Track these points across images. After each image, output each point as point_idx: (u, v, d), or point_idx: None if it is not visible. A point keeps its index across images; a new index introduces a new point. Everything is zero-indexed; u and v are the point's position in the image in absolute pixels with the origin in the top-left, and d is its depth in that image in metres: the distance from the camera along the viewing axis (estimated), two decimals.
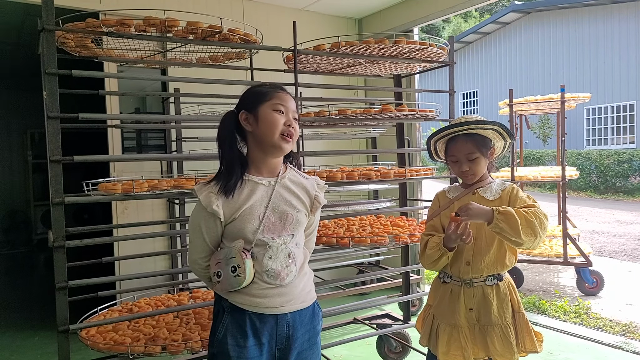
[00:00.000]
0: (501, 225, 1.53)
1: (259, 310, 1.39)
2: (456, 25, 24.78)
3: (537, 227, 1.53)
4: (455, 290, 1.73)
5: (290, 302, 1.42)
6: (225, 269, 1.35)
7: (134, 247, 3.54)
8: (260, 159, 1.45)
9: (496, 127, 1.68)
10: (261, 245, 1.39)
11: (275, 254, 1.40)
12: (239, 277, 1.34)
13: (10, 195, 7.93)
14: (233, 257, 1.35)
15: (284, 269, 1.40)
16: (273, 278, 1.39)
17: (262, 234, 1.39)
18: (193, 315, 2.45)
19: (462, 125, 1.69)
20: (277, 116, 1.41)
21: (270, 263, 1.39)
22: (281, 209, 1.43)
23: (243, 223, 1.38)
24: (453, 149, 1.74)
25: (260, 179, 1.44)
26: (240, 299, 1.39)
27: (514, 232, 1.52)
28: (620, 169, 12.29)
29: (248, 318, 1.39)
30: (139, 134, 4.23)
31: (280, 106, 1.42)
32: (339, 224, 2.94)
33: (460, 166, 1.72)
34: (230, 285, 1.36)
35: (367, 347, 3.24)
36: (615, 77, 14.13)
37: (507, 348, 1.66)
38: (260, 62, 2.67)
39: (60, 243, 1.84)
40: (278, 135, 1.40)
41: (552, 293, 4.59)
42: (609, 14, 14.22)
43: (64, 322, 1.87)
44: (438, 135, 1.77)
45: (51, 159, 1.83)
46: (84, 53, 2.35)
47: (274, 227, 1.41)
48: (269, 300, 1.39)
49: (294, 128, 1.43)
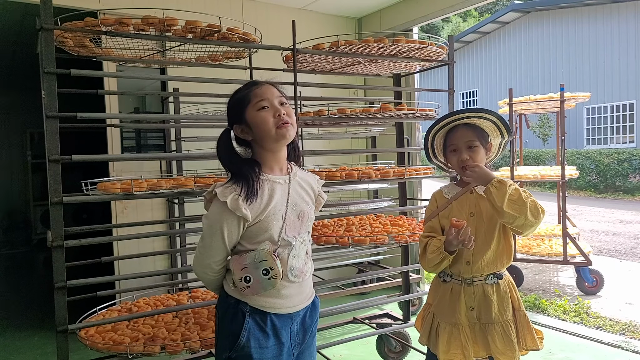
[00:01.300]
0: (492, 190, 1.59)
1: (280, 310, 1.40)
2: (455, 24, 24.78)
3: (526, 209, 1.56)
4: (455, 289, 1.73)
5: (305, 300, 1.46)
6: (256, 273, 1.34)
7: (133, 246, 3.53)
8: (270, 158, 1.43)
9: (495, 118, 1.71)
10: (285, 245, 1.39)
11: (297, 253, 1.41)
12: (273, 279, 1.34)
13: (9, 195, 7.93)
14: (264, 260, 1.34)
15: (304, 266, 1.43)
16: (297, 277, 1.41)
17: (285, 233, 1.39)
18: (192, 315, 2.45)
19: (464, 112, 1.71)
20: (264, 114, 1.38)
21: (294, 262, 1.40)
22: (298, 207, 1.43)
23: (269, 224, 1.36)
24: (453, 137, 1.74)
25: (277, 178, 1.42)
26: (263, 302, 1.38)
27: (499, 201, 1.57)
28: (620, 168, 12.30)
29: (269, 319, 1.39)
30: (138, 133, 4.22)
31: (262, 102, 1.39)
32: (338, 224, 2.93)
33: (460, 154, 1.71)
34: (263, 289, 1.35)
35: (367, 346, 3.24)
36: (615, 76, 14.13)
37: (509, 346, 1.66)
38: (260, 61, 2.67)
39: (59, 243, 1.84)
40: (274, 129, 1.38)
41: (551, 292, 4.59)
42: (609, 14, 14.23)
43: (63, 322, 1.86)
44: (438, 125, 1.77)
45: (50, 158, 1.82)
46: (83, 52, 2.35)
47: (294, 226, 1.41)
48: (289, 300, 1.41)
49: (286, 113, 1.40)
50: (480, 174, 1.63)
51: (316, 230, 2.67)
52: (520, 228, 1.60)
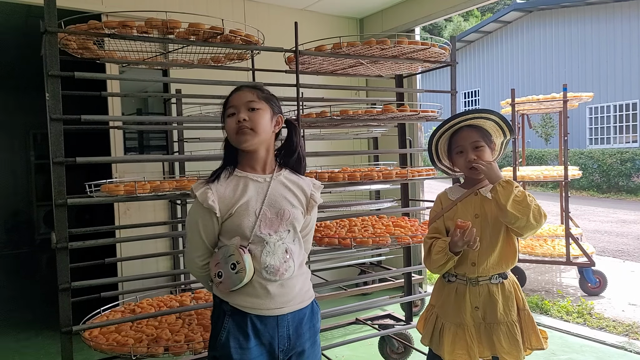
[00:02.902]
0: (498, 188, 1.62)
1: (260, 312, 1.40)
2: (457, 24, 24.72)
3: (529, 211, 1.59)
4: (460, 289, 1.74)
5: (290, 303, 1.43)
6: (225, 268, 1.36)
7: (136, 248, 3.54)
8: (246, 157, 1.49)
9: (497, 117, 1.74)
10: (258, 242, 1.40)
11: (272, 250, 1.41)
12: (240, 273, 1.35)
13: (13, 195, 7.94)
14: (231, 255, 1.36)
15: (282, 264, 1.41)
16: (272, 274, 1.40)
17: (258, 229, 1.40)
18: (195, 316, 2.46)
19: (467, 114, 1.73)
20: (230, 121, 1.46)
21: (269, 259, 1.40)
22: (277, 204, 1.45)
23: (240, 219, 1.40)
24: (458, 139, 1.76)
25: (255, 176, 1.47)
26: (242, 300, 1.39)
27: (504, 200, 1.60)
28: (623, 168, 12.25)
29: (249, 320, 1.39)
30: (141, 134, 4.24)
31: (231, 109, 1.47)
32: (340, 225, 2.93)
33: (467, 155, 1.72)
34: (233, 283, 1.36)
35: (369, 347, 3.24)
36: (618, 75, 14.08)
37: (514, 345, 1.67)
38: (262, 62, 2.67)
39: (63, 244, 1.85)
40: (234, 135, 1.44)
41: (554, 293, 4.58)
42: (612, 13, 14.18)
43: (67, 323, 1.87)
44: (442, 129, 1.78)
45: (54, 160, 1.83)
46: (86, 55, 2.36)
47: (270, 223, 1.42)
48: (270, 301, 1.40)
49: (248, 119, 1.43)
50: (491, 170, 1.66)
51: (318, 231, 2.67)
52: (521, 230, 1.62)
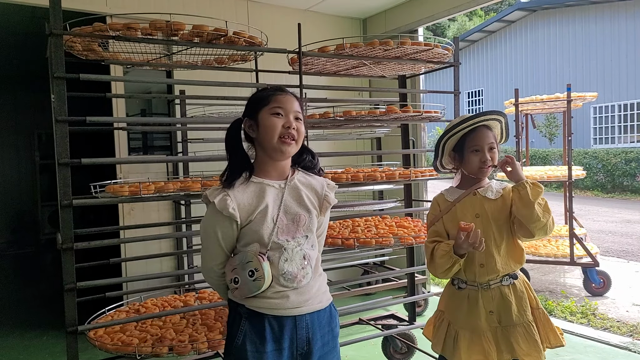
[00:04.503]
0: (526, 186, 1.65)
1: (277, 312, 1.38)
2: (461, 23, 24.66)
3: (549, 215, 1.63)
4: (472, 295, 1.71)
5: (307, 302, 1.41)
6: (243, 274, 1.33)
7: (140, 248, 3.56)
8: (268, 162, 1.45)
9: (505, 122, 1.81)
10: (276, 248, 1.38)
11: (290, 257, 1.39)
12: (258, 281, 1.33)
13: (17, 195, 7.99)
14: (250, 261, 1.33)
15: (300, 271, 1.39)
16: (290, 281, 1.38)
17: (276, 236, 1.38)
18: (199, 316, 2.47)
19: (485, 115, 1.75)
20: (275, 120, 1.40)
21: (287, 266, 1.38)
22: (293, 210, 1.43)
23: (259, 225, 1.37)
24: (476, 138, 1.74)
25: (270, 182, 1.44)
26: (258, 302, 1.38)
27: (532, 196, 1.62)
28: (628, 168, 12.19)
29: (267, 322, 1.37)
30: (145, 135, 4.26)
31: (278, 109, 1.41)
32: (344, 225, 2.94)
33: (483, 155, 1.72)
34: (249, 291, 1.34)
35: (373, 347, 3.24)
36: (622, 75, 14.01)
37: (533, 346, 1.65)
38: (266, 63, 2.69)
39: (68, 245, 1.86)
40: (277, 139, 1.39)
41: (558, 293, 4.57)
42: (616, 12, 14.11)
43: (73, 323, 1.89)
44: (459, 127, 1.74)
45: (59, 162, 1.84)
46: (91, 56, 2.37)
47: (287, 229, 1.40)
48: (287, 301, 1.38)
49: (296, 129, 1.41)
50: (516, 168, 1.70)
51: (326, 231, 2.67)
52: (534, 230, 1.63)
